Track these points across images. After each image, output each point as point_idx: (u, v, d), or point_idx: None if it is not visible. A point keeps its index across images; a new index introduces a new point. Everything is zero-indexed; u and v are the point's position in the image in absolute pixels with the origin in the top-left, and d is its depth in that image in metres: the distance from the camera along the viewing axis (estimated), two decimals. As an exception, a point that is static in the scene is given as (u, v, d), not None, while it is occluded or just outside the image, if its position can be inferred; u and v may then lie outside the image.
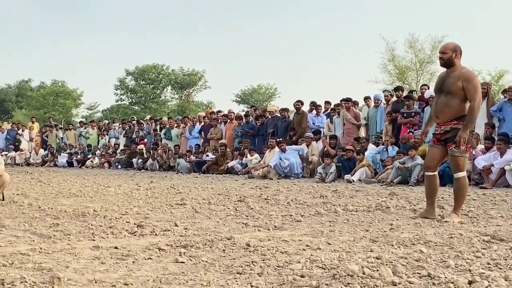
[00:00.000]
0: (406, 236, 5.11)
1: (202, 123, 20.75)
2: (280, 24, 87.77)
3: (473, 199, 8.54)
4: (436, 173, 6.77)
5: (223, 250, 4.48)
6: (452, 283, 3.32)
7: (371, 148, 14.40)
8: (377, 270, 3.62)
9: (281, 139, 16.18)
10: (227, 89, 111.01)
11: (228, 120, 19.70)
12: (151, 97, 64.53)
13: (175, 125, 21.71)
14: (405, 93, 16.40)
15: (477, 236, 5.06)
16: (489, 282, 3.34)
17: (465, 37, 63.03)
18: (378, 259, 4.04)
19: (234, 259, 4.15)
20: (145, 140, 22.44)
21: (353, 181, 13.17)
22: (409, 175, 12.21)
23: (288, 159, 15.00)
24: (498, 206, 7.62)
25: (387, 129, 15.15)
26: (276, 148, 15.52)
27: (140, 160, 20.74)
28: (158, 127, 22.72)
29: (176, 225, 5.85)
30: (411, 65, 44.79)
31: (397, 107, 15.05)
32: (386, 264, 3.84)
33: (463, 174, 6.50)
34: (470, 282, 3.32)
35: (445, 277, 3.45)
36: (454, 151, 6.37)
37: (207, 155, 18.66)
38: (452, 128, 6.37)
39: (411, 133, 13.89)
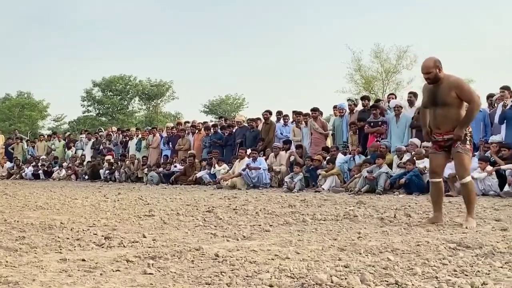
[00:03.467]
0: (374, 244, 5.15)
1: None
2: (247, 34, 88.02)
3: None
4: (442, 179, 7.00)
5: (192, 261, 4.47)
6: (419, 290, 3.36)
7: (339, 158, 14.49)
8: (345, 279, 3.65)
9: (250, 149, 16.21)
10: (195, 99, 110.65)
11: (196, 131, 19.68)
12: (119, 108, 64.06)
13: (147, 136, 21.58)
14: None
15: (443, 243, 5.12)
16: (455, 288, 3.39)
17: (429, 46, 63.90)
18: (346, 267, 4.06)
19: (202, 269, 4.14)
20: (113, 151, 22.28)
21: (323, 189, 13.24)
22: (377, 184, 12.33)
23: (256, 170, 15.06)
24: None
25: (352, 138, 15.27)
26: (246, 158, 15.54)
27: (107, 171, 20.58)
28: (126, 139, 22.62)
29: (144, 237, 5.81)
30: (377, 74, 45.31)
31: (363, 116, 15.17)
32: (354, 273, 3.87)
33: (469, 178, 6.75)
34: (436, 289, 3.37)
35: (412, 285, 3.49)
36: (459, 147, 6.58)
37: (175, 166, 18.59)
38: None
39: (378, 142, 14.01)
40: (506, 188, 11.23)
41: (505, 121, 12.78)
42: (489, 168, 11.50)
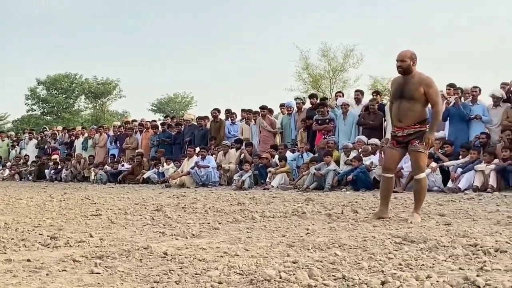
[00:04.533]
0: (322, 240, 5.20)
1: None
2: (196, 32, 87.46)
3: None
4: (394, 175, 7.20)
5: (140, 259, 4.43)
6: (366, 284, 3.41)
7: (288, 155, 14.59)
8: (294, 274, 3.68)
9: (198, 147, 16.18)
10: (142, 98, 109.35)
11: (144, 129, 19.53)
12: (64, 107, 62.84)
13: (93, 135, 21.30)
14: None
15: (389, 238, 5.21)
16: (400, 282, 3.44)
17: (374, 45, 64.87)
18: (294, 263, 4.10)
19: (151, 268, 4.12)
20: (58, 150, 21.95)
21: (272, 186, 13.31)
22: (324, 181, 12.45)
23: (205, 168, 15.05)
24: (409, 209, 7.84)
25: (302, 136, 15.38)
26: (194, 157, 15.50)
27: (53, 171, 20.24)
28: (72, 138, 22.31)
29: (91, 236, 5.74)
30: (324, 73, 45.68)
31: (311, 114, 15.29)
32: (302, 268, 3.91)
33: (424, 175, 6.88)
34: (382, 283, 3.42)
35: (359, 279, 3.54)
36: (418, 146, 6.72)
37: (123, 165, 18.42)
38: (416, 131, 6.73)
39: (326, 139, 14.15)
40: (450, 184, 11.50)
41: (448, 118, 13.07)
42: (433, 164, 11.75)
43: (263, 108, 16.50)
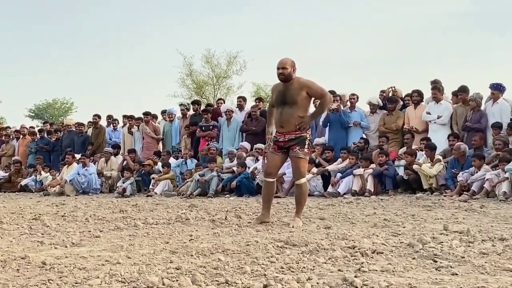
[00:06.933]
0: (205, 245, 5.20)
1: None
2: (75, 35, 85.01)
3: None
4: (275, 180, 7.25)
5: (17, 269, 4.26)
6: (249, 287, 3.45)
7: (171, 162, 14.52)
8: (177, 280, 3.66)
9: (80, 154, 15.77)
10: (19, 103, 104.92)
11: (21, 136, 18.83)
12: None
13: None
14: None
15: (272, 242, 5.29)
16: (282, 285, 3.51)
17: (256, 52, 65.85)
18: (177, 269, 4.07)
19: (29, 278, 3.97)
20: None
21: (156, 193, 13.21)
22: (208, 187, 12.49)
23: (86, 175, 14.68)
24: (291, 213, 7.99)
25: (185, 142, 15.37)
26: (74, 164, 15.10)
27: None
28: None
29: (-36, 247, 5.46)
30: (208, 79, 45.87)
31: (195, 120, 15.32)
32: (186, 274, 3.89)
33: (304, 180, 6.98)
34: (265, 286, 3.48)
35: (242, 283, 3.57)
36: (298, 152, 6.80)
37: (-2, 173, 17.67)
38: (296, 137, 6.82)
39: (209, 145, 14.20)
40: (330, 188, 11.85)
41: (328, 124, 13.48)
42: (314, 169, 12.06)
43: (146, 114, 16.35)
